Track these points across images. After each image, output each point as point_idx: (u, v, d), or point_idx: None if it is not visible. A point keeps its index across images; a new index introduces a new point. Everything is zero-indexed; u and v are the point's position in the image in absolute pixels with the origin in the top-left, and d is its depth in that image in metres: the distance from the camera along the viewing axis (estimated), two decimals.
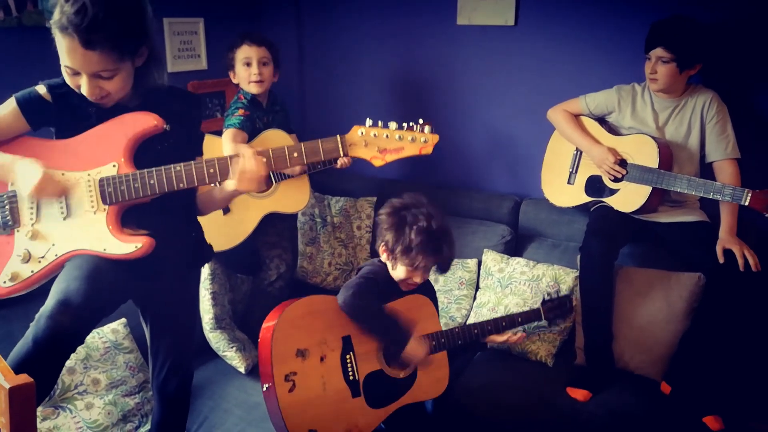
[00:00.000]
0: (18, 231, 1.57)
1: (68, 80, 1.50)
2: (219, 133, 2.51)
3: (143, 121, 1.55)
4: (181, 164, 1.54)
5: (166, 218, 1.64)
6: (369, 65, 3.22)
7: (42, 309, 1.43)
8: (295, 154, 1.58)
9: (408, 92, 3.17)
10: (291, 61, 3.33)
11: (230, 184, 1.61)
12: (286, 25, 3.33)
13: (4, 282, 1.54)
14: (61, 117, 1.57)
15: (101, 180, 1.54)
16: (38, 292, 1.56)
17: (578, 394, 2.22)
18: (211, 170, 1.56)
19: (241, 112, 2.48)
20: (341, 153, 1.57)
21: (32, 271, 1.54)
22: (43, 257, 1.55)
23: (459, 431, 2.17)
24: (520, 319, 2.15)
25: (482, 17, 2.85)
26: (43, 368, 1.41)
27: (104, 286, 1.51)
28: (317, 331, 1.86)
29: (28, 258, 1.54)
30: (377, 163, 1.58)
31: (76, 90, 1.51)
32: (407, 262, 1.90)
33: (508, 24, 2.80)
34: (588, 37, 2.68)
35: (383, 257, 1.99)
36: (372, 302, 1.89)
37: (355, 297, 1.86)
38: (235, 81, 2.58)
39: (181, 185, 1.54)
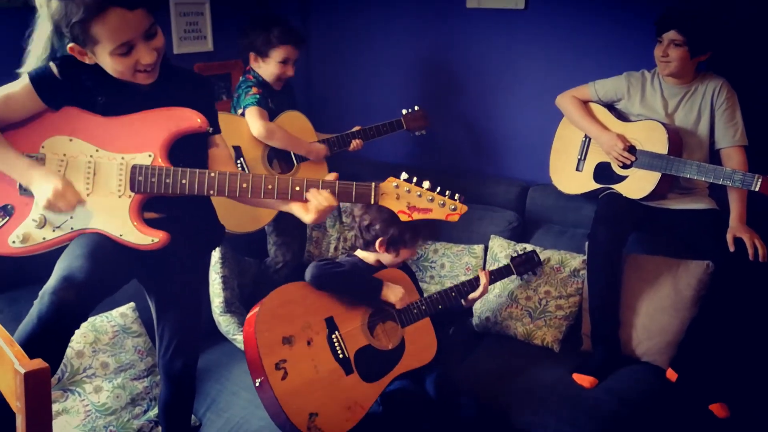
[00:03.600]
0: None
1: (122, 66, 1.48)
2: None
3: (189, 120, 1.57)
4: (216, 172, 1.55)
5: (183, 206, 1.64)
6: (376, 48, 3.19)
7: (45, 286, 1.44)
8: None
9: (415, 76, 3.15)
10: None
11: (302, 216, 1.61)
12: (293, 8, 3.29)
13: (14, 242, 1.55)
14: (72, 95, 1.55)
15: (134, 167, 1.54)
16: (48, 273, 1.55)
17: (584, 380, 2.23)
18: (244, 185, 1.57)
19: (255, 90, 2.46)
20: (372, 201, 1.61)
21: (44, 238, 1.55)
22: (58, 227, 1.55)
23: (463, 416, 2.17)
24: (492, 276, 2.32)
25: (492, 0, 2.82)
26: (49, 346, 1.43)
27: (107, 266, 1.52)
28: (299, 317, 1.91)
29: (43, 224, 1.55)
30: (404, 218, 1.62)
31: (130, 77, 1.50)
32: (412, 246, 2.15)
33: (518, 7, 2.78)
34: (598, 23, 2.65)
35: (382, 250, 2.12)
36: (336, 267, 2.01)
37: (319, 266, 1.98)
38: (255, 66, 2.51)
39: (212, 192, 1.56)
